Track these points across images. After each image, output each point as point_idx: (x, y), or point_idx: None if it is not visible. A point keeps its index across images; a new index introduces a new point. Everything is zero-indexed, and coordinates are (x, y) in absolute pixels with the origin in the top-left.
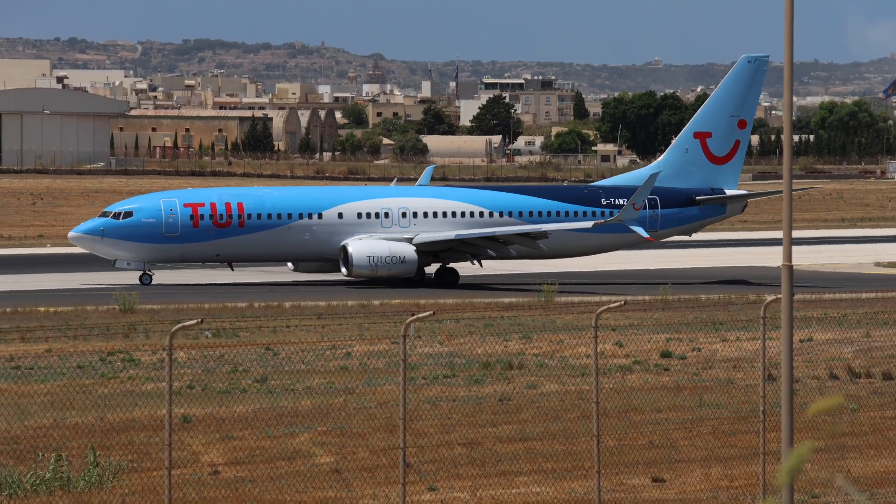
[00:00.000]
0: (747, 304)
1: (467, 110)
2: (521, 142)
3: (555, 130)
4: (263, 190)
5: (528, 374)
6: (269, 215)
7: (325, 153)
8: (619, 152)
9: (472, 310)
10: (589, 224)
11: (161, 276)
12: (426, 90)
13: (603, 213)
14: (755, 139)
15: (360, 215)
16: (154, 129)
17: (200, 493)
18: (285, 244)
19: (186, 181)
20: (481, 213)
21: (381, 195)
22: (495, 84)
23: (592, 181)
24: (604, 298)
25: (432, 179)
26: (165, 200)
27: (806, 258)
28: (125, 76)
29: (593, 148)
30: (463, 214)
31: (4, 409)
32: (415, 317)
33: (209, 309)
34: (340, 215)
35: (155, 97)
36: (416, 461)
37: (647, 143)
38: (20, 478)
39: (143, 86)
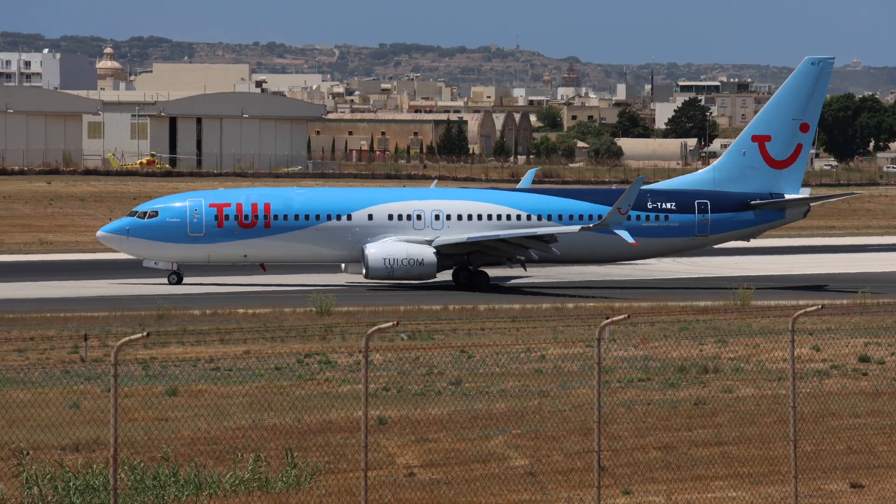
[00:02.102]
0: None
1: (662, 113)
2: (716, 144)
3: None
4: (294, 190)
5: (723, 377)
6: (297, 216)
7: (519, 156)
8: (817, 155)
9: (667, 313)
10: (576, 228)
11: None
12: (621, 93)
13: (648, 217)
14: None
15: (391, 217)
16: (350, 133)
17: (396, 495)
18: (313, 245)
19: (382, 184)
20: (518, 217)
21: (415, 197)
22: (691, 87)
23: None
24: (801, 302)
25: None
26: (192, 200)
27: None
28: (322, 80)
29: None
30: (499, 217)
31: (204, 410)
32: (609, 320)
33: (404, 311)
34: (371, 217)
35: (351, 101)
36: (611, 465)
37: (844, 145)
38: (220, 478)
39: (340, 90)
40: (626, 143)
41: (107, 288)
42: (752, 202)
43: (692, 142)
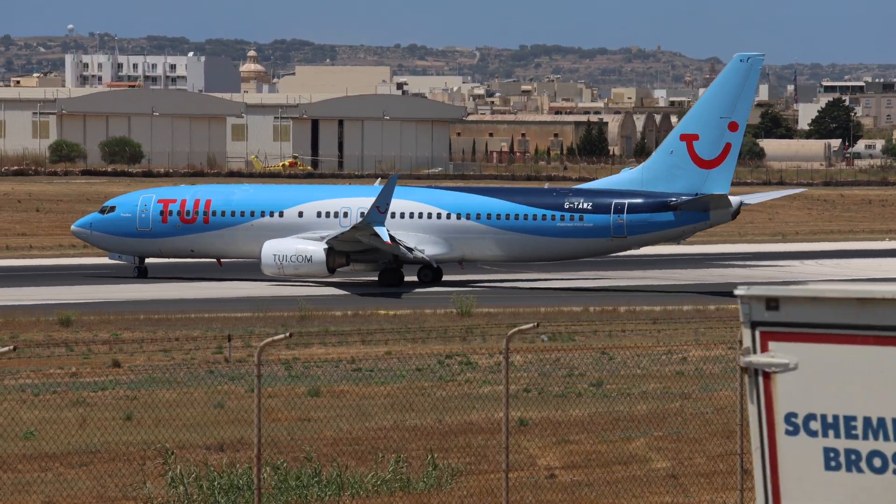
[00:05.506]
0: None
1: (806, 114)
2: (860, 145)
3: None
4: (238, 187)
5: None
6: (234, 212)
7: None
8: None
9: None
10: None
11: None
12: (763, 94)
13: (563, 217)
14: None
15: (319, 214)
16: (491, 135)
17: (537, 497)
18: (249, 241)
19: (522, 185)
20: (439, 215)
21: (347, 195)
22: (835, 87)
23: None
24: None
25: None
26: (144, 196)
27: None
28: (463, 82)
29: None
30: (420, 216)
31: (347, 411)
32: None
33: (545, 312)
34: (301, 214)
35: (492, 102)
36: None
37: None
38: (362, 478)
39: (481, 91)
40: (769, 144)
41: (244, 290)
42: (672, 202)
43: (836, 142)
